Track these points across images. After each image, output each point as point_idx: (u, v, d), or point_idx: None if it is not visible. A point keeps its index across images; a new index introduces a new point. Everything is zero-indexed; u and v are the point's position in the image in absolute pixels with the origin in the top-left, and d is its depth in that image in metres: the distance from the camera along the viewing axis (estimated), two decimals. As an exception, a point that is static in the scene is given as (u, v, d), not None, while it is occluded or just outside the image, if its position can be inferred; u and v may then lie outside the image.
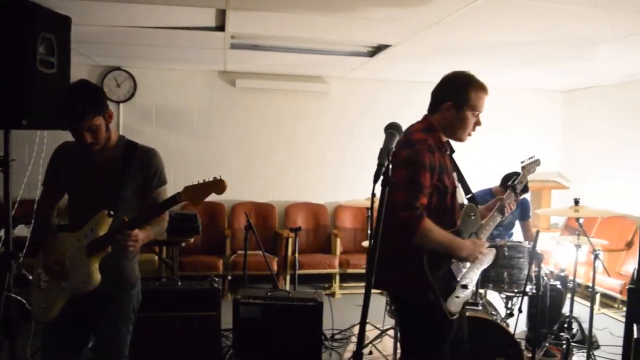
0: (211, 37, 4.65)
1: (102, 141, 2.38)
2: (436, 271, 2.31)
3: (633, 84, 6.56)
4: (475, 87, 2.35)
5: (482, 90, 2.36)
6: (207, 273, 5.23)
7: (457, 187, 2.48)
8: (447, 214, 2.39)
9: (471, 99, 2.33)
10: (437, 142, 2.41)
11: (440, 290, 2.32)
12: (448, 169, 2.41)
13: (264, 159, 6.94)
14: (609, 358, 4.48)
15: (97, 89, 2.43)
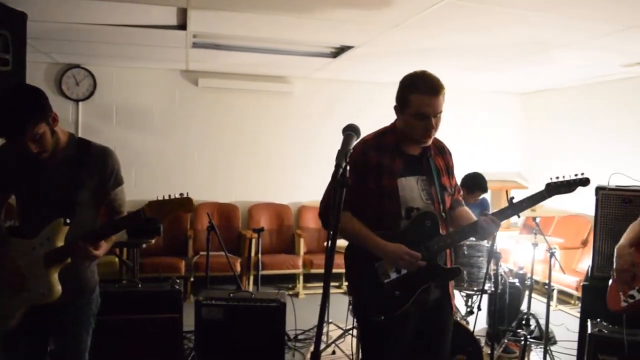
0: (173, 36, 4.59)
1: (50, 147, 2.24)
2: (352, 267, 2.40)
3: (588, 87, 6.77)
4: (416, 90, 2.21)
5: (424, 94, 2.19)
6: (168, 275, 5.17)
7: (411, 190, 2.31)
8: (387, 216, 2.29)
9: (412, 103, 2.21)
10: (389, 143, 2.34)
11: (362, 288, 2.35)
12: (393, 171, 2.30)
13: (227, 159, 6.89)
14: (565, 353, 4.60)
15: (36, 94, 2.21)
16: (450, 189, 2.44)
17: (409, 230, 2.28)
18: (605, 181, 3.81)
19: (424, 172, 2.36)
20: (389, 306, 2.29)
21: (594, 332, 3.31)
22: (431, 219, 2.27)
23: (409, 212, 2.30)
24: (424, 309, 2.34)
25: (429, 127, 2.23)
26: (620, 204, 3.66)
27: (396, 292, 2.27)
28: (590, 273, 3.79)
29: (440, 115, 2.26)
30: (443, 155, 2.47)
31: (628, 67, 5.41)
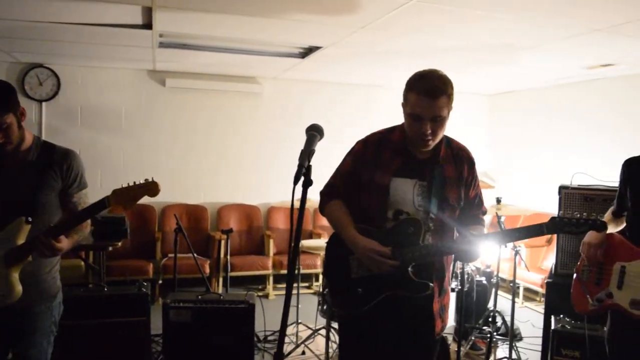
0: (138, 35, 4.53)
1: (15, 140, 2.26)
2: (332, 257, 2.36)
3: (553, 89, 6.92)
4: (414, 89, 2.10)
5: (420, 95, 2.06)
6: (136, 277, 5.11)
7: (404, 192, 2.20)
8: (373, 212, 2.22)
9: (409, 102, 2.11)
10: (394, 140, 2.26)
11: (331, 278, 2.34)
12: (390, 169, 2.21)
13: (196, 160, 6.83)
14: (530, 349, 4.68)
15: (5, 85, 2.27)
16: (457, 202, 2.25)
17: (391, 232, 2.19)
18: (568, 180, 3.90)
19: (425, 177, 2.21)
20: (350, 302, 2.26)
21: (557, 328, 3.40)
22: (415, 227, 2.15)
23: (397, 215, 2.20)
24: (399, 322, 2.21)
25: (424, 131, 2.09)
26: (582, 203, 3.74)
27: (359, 289, 2.21)
28: (554, 270, 3.87)
29: (442, 120, 2.10)
30: (459, 164, 2.29)
31: (591, 69, 5.55)
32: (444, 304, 2.30)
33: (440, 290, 2.25)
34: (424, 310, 2.20)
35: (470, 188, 2.30)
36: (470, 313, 4.83)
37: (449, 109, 2.13)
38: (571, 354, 3.33)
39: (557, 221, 1.99)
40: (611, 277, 2.42)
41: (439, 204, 2.17)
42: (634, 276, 2.33)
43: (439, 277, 2.23)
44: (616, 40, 4.24)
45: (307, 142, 1.85)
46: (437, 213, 2.17)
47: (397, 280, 2.14)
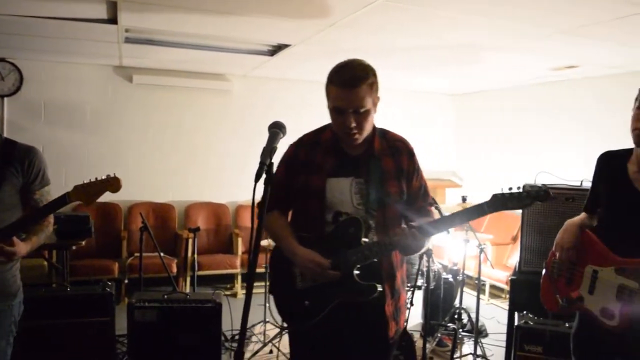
0: (103, 30, 4.44)
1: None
2: (276, 269, 2.26)
3: (518, 89, 7.04)
4: (333, 82, 2.02)
5: (339, 86, 1.98)
6: (101, 277, 5.02)
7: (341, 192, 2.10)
8: (312, 218, 2.12)
9: (330, 96, 2.04)
10: (325, 139, 2.16)
11: (277, 290, 2.22)
12: (323, 170, 2.11)
13: (163, 158, 6.74)
14: (495, 345, 4.76)
15: None
16: (400, 195, 2.13)
17: (331, 236, 2.07)
18: (532, 180, 3.96)
19: (362, 173, 2.10)
20: (298, 316, 2.13)
21: (521, 324, 3.45)
22: (355, 227, 2.03)
23: (336, 217, 2.09)
24: (351, 330, 2.11)
25: (347, 124, 1.98)
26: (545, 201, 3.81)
27: (306, 302, 2.09)
28: (518, 268, 3.93)
29: (366, 111, 2.00)
30: (397, 156, 2.16)
31: (556, 70, 5.65)
32: (399, 306, 2.19)
33: (393, 292, 2.14)
34: (376, 314, 2.10)
35: (413, 179, 2.18)
36: (437, 310, 4.88)
37: (374, 99, 2.04)
38: (534, 350, 3.38)
39: (498, 197, 1.88)
40: (582, 280, 2.32)
41: (379, 200, 2.07)
42: (606, 284, 2.22)
43: (389, 278, 2.13)
44: (579, 43, 4.33)
45: (269, 140, 1.80)
46: (377, 209, 2.07)
47: (344, 286, 2.03)
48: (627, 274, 2.15)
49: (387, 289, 2.11)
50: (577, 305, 2.35)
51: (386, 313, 2.11)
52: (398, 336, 2.21)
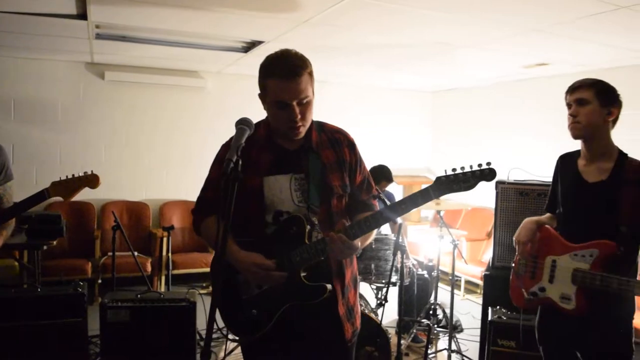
0: (73, 26, 4.36)
1: None
2: (217, 280, 2.01)
3: (492, 87, 7.12)
4: (272, 74, 1.89)
5: (280, 78, 1.86)
6: (73, 277, 4.94)
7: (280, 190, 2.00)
8: (252, 219, 2.00)
9: (269, 89, 1.91)
10: (260, 136, 2.04)
11: (222, 304, 2.02)
12: (260, 169, 2.00)
13: (137, 156, 6.65)
14: (470, 340, 4.80)
15: None
16: (343, 188, 2.03)
17: (274, 238, 1.96)
18: (505, 176, 4.00)
19: (301, 169, 1.99)
20: (247, 326, 2.00)
21: (494, 319, 3.49)
22: (297, 225, 1.91)
23: (277, 217, 1.98)
24: (304, 335, 2.00)
25: (293, 117, 1.88)
26: (518, 197, 3.86)
27: (253, 311, 1.96)
28: (492, 263, 3.97)
29: (309, 101, 1.91)
30: (337, 147, 2.06)
31: (528, 68, 5.73)
32: (351, 305, 2.08)
33: (343, 292, 2.03)
34: (329, 317, 1.99)
35: (356, 172, 2.08)
36: (412, 306, 4.91)
37: (313, 89, 1.94)
38: (507, 344, 3.42)
39: (442, 180, 1.80)
40: (544, 271, 2.45)
41: (321, 195, 1.96)
42: (563, 270, 2.36)
43: (339, 277, 2.02)
44: (550, 41, 4.39)
45: (235, 136, 1.75)
46: (320, 205, 1.96)
47: (292, 289, 1.90)
48: (579, 258, 2.31)
49: (338, 289, 2.01)
50: (540, 297, 2.46)
51: (339, 314, 2.01)
52: (356, 337, 2.11)
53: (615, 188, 2.28)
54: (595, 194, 2.34)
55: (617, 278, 2.16)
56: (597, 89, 2.33)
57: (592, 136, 2.37)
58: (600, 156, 2.37)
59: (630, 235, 2.25)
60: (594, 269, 2.25)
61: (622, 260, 2.25)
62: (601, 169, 2.36)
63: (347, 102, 7.33)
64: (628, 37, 4.23)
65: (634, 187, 2.25)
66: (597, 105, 2.32)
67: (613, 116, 2.34)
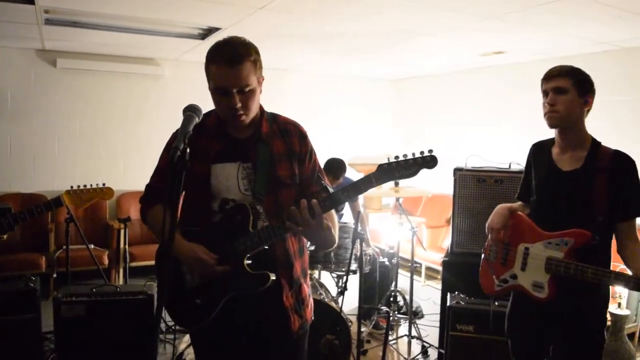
0: (20, 11, 4.18)
1: None
2: (161, 270, 2.08)
3: (451, 75, 7.20)
4: (213, 61, 1.88)
5: (220, 65, 1.85)
6: (26, 272, 4.78)
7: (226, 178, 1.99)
8: (198, 207, 2.02)
9: (211, 76, 1.90)
10: (210, 124, 2.03)
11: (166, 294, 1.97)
12: (208, 156, 1.99)
13: (92, 146, 6.47)
14: (430, 325, 4.87)
15: None
16: (291, 179, 2.03)
17: (219, 226, 1.97)
18: (463, 162, 4.05)
19: (249, 158, 1.99)
20: (191, 316, 2.01)
21: (452, 304, 3.53)
22: (242, 214, 1.92)
23: (223, 205, 1.99)
24: (250, 324, 2.01)
25: (233, 105, 1.86)
26: (476, 184, 3.91)
27: (197, 300, 1.97)
28: (450, 249, 4.02)
29: (252, 90, 1.88)
30: (287, 137, 2.06)
31: (484, 56, 5.80)
32: (301, 298, 2.08)
33: (291, 283, 2.03)
34: (275, 307, 1.99)
35: (305, 162, 2.07)
36: (374, 294, 4.94)
37: (259, 78, 1.93)
38: (465, 329, 3.47)
39: (385, 167, 1.80)
40: (516, 259, 2.43)
41: (269, 184, 1.97)
42: (536, 258, 2.34)
43: (285, 267, 2.01)
44: (505, 29, 4.45)
45: (183, 124, 1.70)
46: (267, 194, 1.97)
47: (235, 277, 1.91)
48: (553, 247, 2.28)
49: (284, 279, 2.00)
50: (511, 284, 2.45)
51: (285, 305, 2.01)
52: (305, 330, 2.11)
53: (589, 176, 2.27)
54: (569, 183, 2.32)
55: (592, 267, 2.14)
56: (575, 78, 2.29)
57: (569, 126, 2.32)
58: (575, 145, 2.34)
59: (606, 224, 2.25)
60: (567, 257, 2.23)
61: (596, 250, 2.23)
62: (575, 157, 2.34)
63: (307, 91, 7.29)
64: (582, 26, 4.32)
65: (607, 175, 2.24)
66: (575, 95, 2.28)
67: (589, 105, 2.32)
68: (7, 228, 4.45)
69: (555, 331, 2.37)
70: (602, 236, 2.24)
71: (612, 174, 2.24)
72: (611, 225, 2.28)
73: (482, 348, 3.37)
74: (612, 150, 2.30)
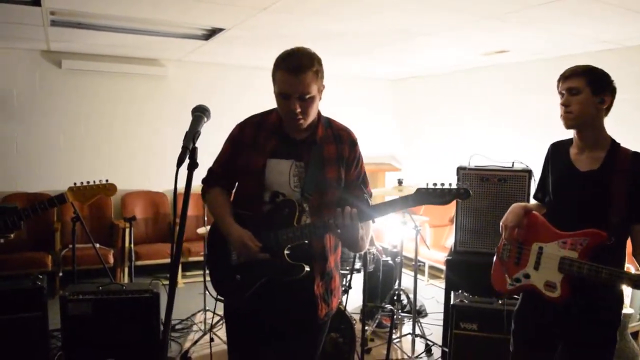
0: (27, 12, 4.21)
1: None
2: (212, 245, 2.34)
3: (453, 74, 7.20)
4: (279, 67, 2.06)
5: (285, 72, 2.03)
6: (32, 271, 4.82)
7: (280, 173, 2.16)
8: (251, 196, 2.21)
9: (276, 81, 2.08)
10: (271, 121, 2.22)
11: (212, 264, 2.32)
12: (265, 151, 2.18)
13: (97, 146, 6.51)
14: (434, 324, 4.90)
15: None
16: (337, 182, 2.19)
17: (268, 215, 2.16)
18: (466, 161, 4.06)
19: (303, 157, 2.17)
20: (230, 290, 2.25)
21: (456, 302, 3.55)
22: (290, 208, 2.11)
23: (274, 197, 2.18)
24: (280, 308, 2.17)
25: (292, 109, 2.04)
26: (479, 182, 3.92)
27: (237, 276, 2.19)
28: (454, 248, 4.03)
29: (311, 98, 2.06)
30: (339, 144, 2.23)
31: (487, 55, 5.80)
32: (332, 288, 2.27)
33: (323, 274, 2.22)
34: (305, 294, 2.18)
35: (352, 168, 2.24)
36: (377, 293, 4.96)
37: (319, 87, 2.10)
38: (469, 327, 3.49)
39: (422, 192, 1.98)
40: (529, 258, 2.42)
41: (317, 185, 2.14)
42: (550, 257, 2.34)
43: (320, 260, 2.20)
44: (507, 28, 4.45)
45: (192, 124, 1.80)
46: (314, 193, 2.14)
47: (274, 264, 2.11)
48: (568, 246, 2.29)
49: (317, 270, 2.19)
50: (524, 284, 2.44)
51: (315, 293, 2.19)
52: (329, 318, 2.30)
53: (607, 177, 2.25)
54: (586, 183, 2.30)
55: (606, 268, 2.14)
56: (588, 78, 2.27)
57: (585, 126, 2.31)
58: (593, 145, 2.33)
59: (622, 226, 2.23)
60: (581, 257, 2.23)
61: (611, 251, 2.22)
62: (593, 158, 2.31)
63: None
64: (583, 25, 4.32)
65: (626, 177, 2.22)
66: (588, 94, 2.26)
67: (606, 104, 2.29)
68: (12, 227, 4.52)
69: (566, 331, 2.35)
70: (617, 237, 2.22)
71: (631, 176, 2.22)
72: (627, 227, 2.26)
73: (486, 346, 3.39)
74: (632, 151, 2.28)
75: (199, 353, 4.25)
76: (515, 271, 2.47)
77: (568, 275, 2.26)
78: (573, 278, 2.25)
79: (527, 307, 2.52)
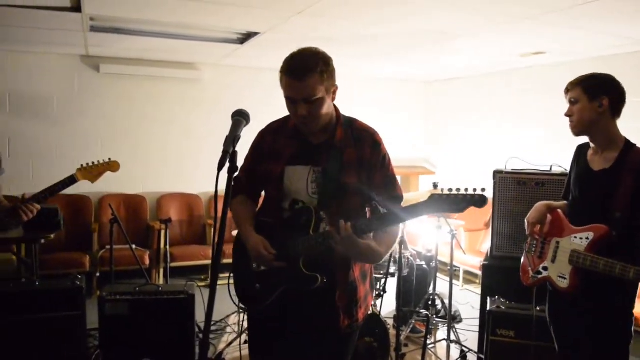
0: (67, 19, 4.32)
1: None
2: (237, 251, 2.28)
3: (489, 76, 7.09)
4: (283, 71, 1.99)
5: (288, 76, 1.96)
6: (72, 271, 4.93)
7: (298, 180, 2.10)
8: (271, 203, 2.18)
9: (282, 84, 2.01)
10: (289, 127, 2.16)
11: (235, 270, 2.27)
12: (283, 158, 2.12)
13: (134, 149, 6.62)
14: (469, 330, 4.81)
15: None
16: (357, 186, 2.07)
17: (287, 223, 2.10)
18: (502, 165, 3.99)
19: (321, 162, 2.07)
20: (251, 297, 2.22)
21: (493, 309, 3.49)
22: (307, 216, 2.03)
23: (293, 205, 2.11)
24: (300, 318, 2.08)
25: (299, 113, 1.97)
26: (516, 187, 3.85)
27: (257, 285, 2.14)
28: (490, 253, 3.96)
29: (319, 100, 1.96)
30: (360, 145, 2.10)
31: (524, 57, 5.70)
32: (356, 299, 2.13)
33: (345, 284, 2.08)
34: (326, 304, 2.06)
35: (376, 170, 2.10)
36: (411, 297, 4.91)
37: (327, 87, 1.98)
38: (506, 334, 3.43)
39: (435, 198, 1.82)
40: (549, 251, 2.57)
41: (335, 190, 2.04)
42: (564, 251, 2.46)
43: (342, 269, 2.08)
44: (545, 29, 4.37)
45: (232, 128, 1.80)
46: (332, 200, 2.04)
47: (289, 273, 2.03)
48: (577, 240, 2.42)
49: (339, 279, 2.07)
50: (543, 276, 2.58)
51: (337, 304, 2.07)
52: (355, 329, 2.17)
53: (617, 175, 2.35)
54: (597, 181, 2.43)
55: (605, 260, 2.24)
56: (583, 86, 2.44)
57: (590, 131, 2.46)
58: (606, 146, 2.45)
59: (624, 221, 2.31)
60: (588, 250, 2.35)
61: (618, 245, 2.31)
62: (606, 158, 2.44)
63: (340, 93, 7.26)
64: (623, 25, 4.21)
65: (634, 175, 2.31)
66: (586, 102, 2.41)
67: (604, 107, 2.39)
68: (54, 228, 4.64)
69: (583, 322, 2.44)
70: (620, 232, 2.31)
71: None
72: (631, 223, 2.32)
73: (523, 354, 3.31)
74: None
75: (232, 355, 4.27)
76: (538, 264, 2.62)
77: (576, 267, 2.39)
78: (580, 270, 2.37)
79: (553, 304, 2.64)
